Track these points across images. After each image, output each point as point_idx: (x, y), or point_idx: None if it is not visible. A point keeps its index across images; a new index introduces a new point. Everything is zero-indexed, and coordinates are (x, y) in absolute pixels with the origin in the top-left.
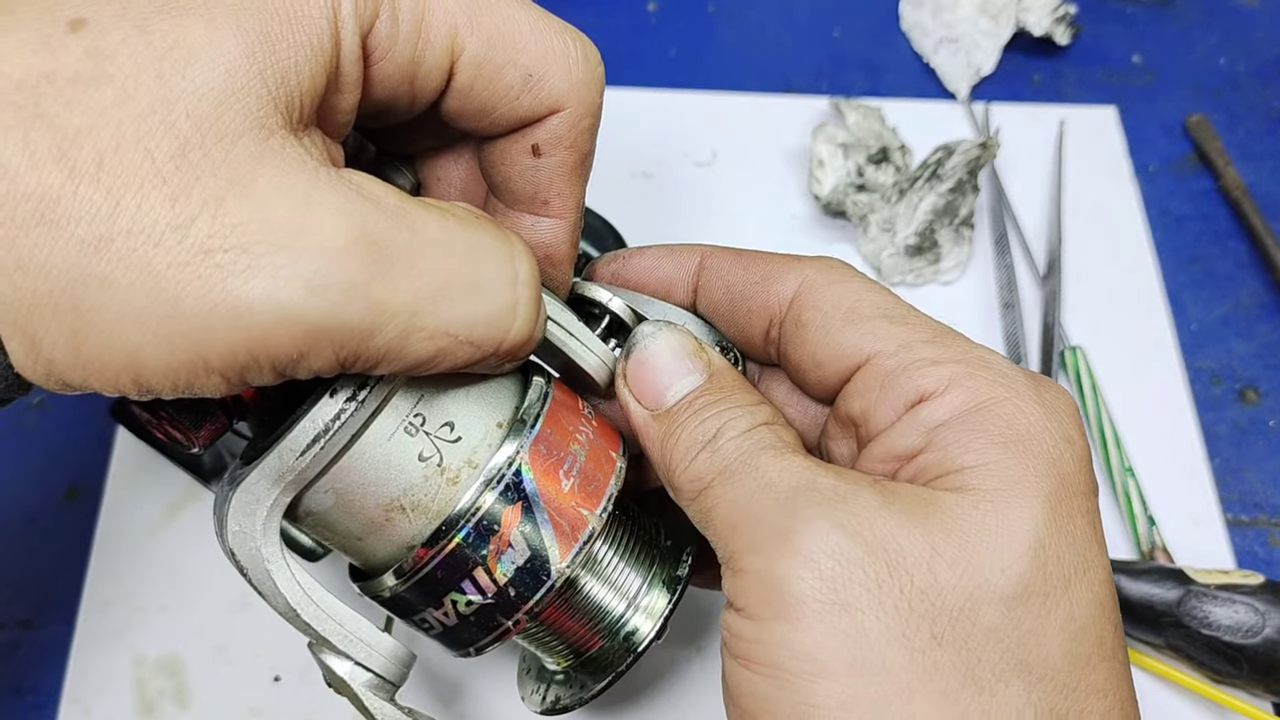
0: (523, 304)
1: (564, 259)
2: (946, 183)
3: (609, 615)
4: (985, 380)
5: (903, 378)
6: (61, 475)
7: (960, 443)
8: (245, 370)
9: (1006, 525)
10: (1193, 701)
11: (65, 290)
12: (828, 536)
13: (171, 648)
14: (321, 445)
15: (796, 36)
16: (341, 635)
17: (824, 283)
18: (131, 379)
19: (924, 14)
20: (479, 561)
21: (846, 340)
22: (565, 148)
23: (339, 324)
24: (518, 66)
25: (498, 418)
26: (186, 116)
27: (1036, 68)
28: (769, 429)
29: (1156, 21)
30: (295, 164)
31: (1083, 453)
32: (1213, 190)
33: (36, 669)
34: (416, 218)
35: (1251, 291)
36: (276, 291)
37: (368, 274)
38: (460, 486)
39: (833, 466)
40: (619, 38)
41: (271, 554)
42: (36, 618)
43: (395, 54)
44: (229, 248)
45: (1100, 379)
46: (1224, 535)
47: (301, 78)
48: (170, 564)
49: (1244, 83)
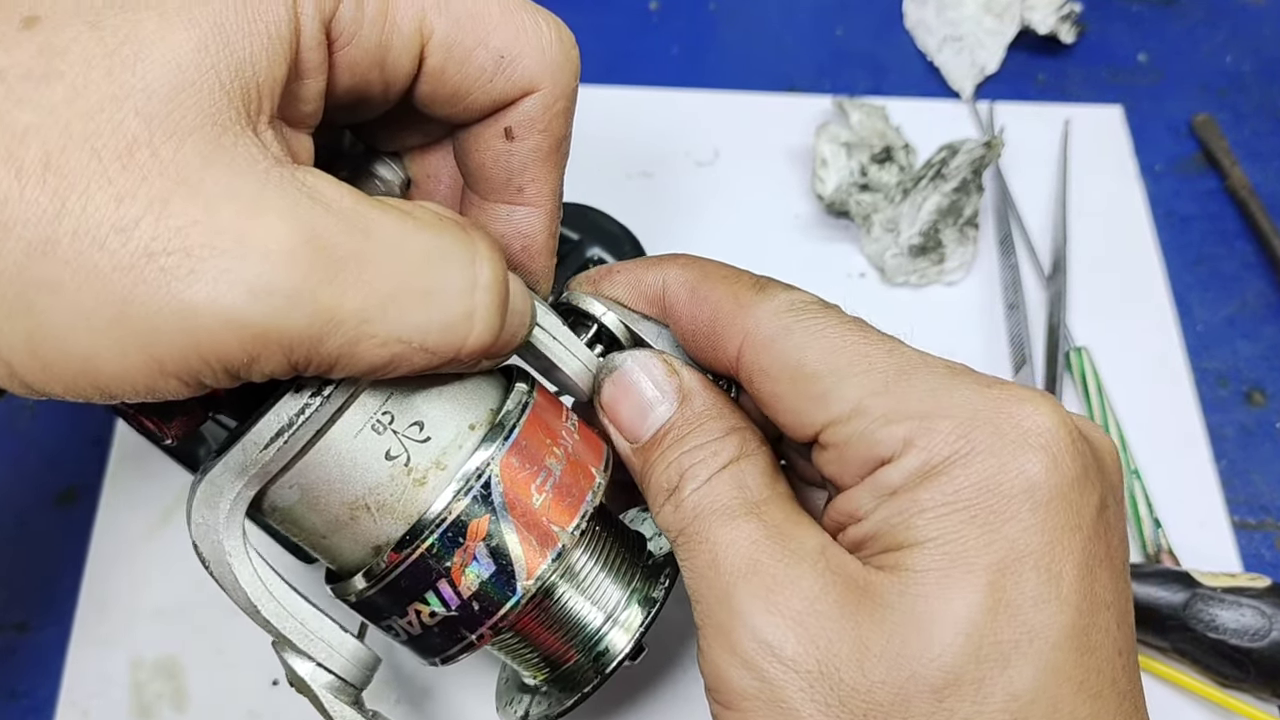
0: (481, 310)
1: (542, 249)
2: (951, 182)
3: (585, 629)
4: (940, 437)
5: (859, 446)
6: (57, 477)
7: (906, 515)
8: (199, 373)
9: (937, 611)
10: (1199, 705)
11: (17, 293)
12: (763, 635)
13: (169, 650)
14: (285, 440)
15: (799, 35)
16: (303, 634)
17: (764, 343)
18: (90, 383)
19: (928, 12)
20: (443, 573)
21: (800, 409)
22: (539, 131)
23: (285, 329)
24: (489, 48)
25: (471, 419)
26: (135, 114)
27: (1041, 66)
28: (731, 474)
29: (1162, 20)
30: (245, 163)
31: (1056, 490)
32: (1219, 190)
33: (32, 672)
34: (371, 221)
35: (1258, 292)
36: (220, 296)
37: (314, 279)
38: (428, 489)
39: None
40: (620, 36)
41: (234, 547)
42: (32, 620)
43: (361, 39)
44: (173, 250)
45: (1105, 380)
46: (1230, 538)
47: (258, 68)
48: (167, 566)
49: (1250, 82)
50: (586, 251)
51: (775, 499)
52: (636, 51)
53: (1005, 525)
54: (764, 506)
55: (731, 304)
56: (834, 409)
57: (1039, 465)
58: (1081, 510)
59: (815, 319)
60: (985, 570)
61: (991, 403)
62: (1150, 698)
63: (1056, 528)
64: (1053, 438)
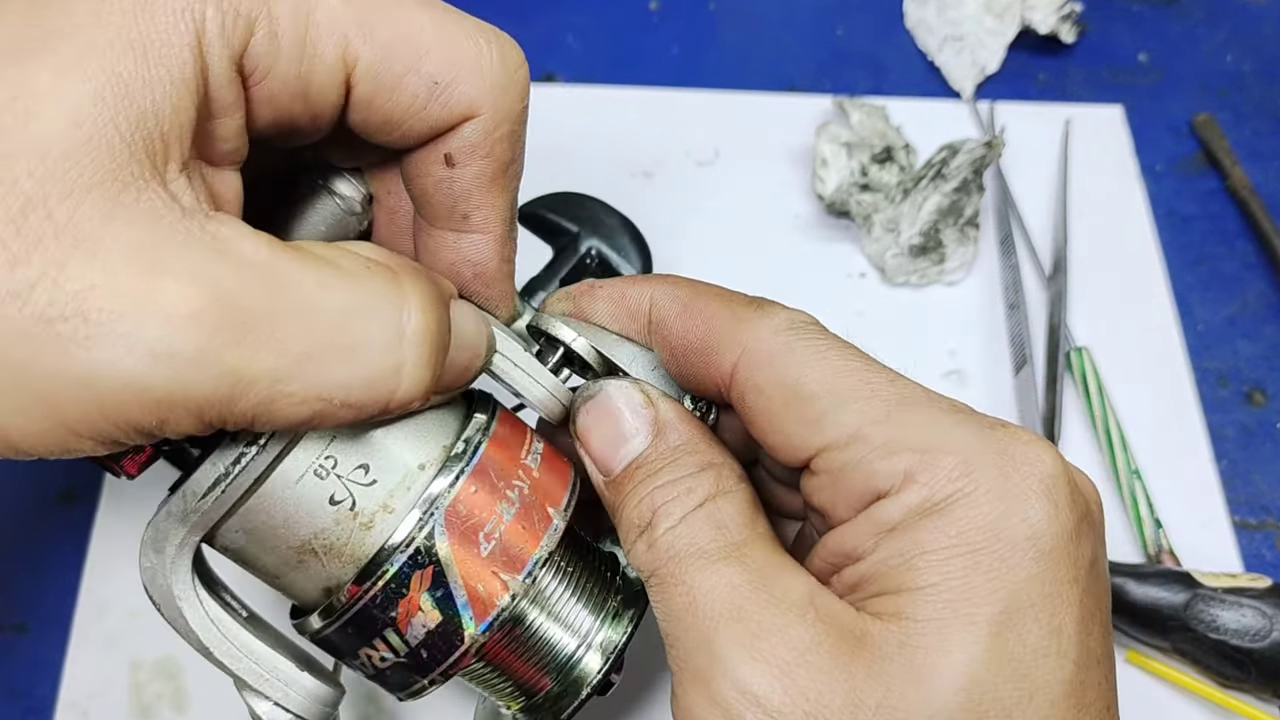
0: (409, 364)
1: (494, 276)
2: (951, 182)
3: (557, 656)
4: (943, 473)
5: (856, 476)
6: (57, 477)
7: (907, 556)
8: (112, 435)
9: (937, 665)
10: (1200, 706)
11: None
12: (747, 685)
13: (169, 651)
14: (222, 489)
15: (799, 34)
16: (256, 674)
17: (762, 359)
18: (4, 444)
19: (928, 12)
20: (388, 623)
21: (793, 431)
22: (481, 157)
23: (191, 393)
24: (421, 74)
25: (422, 458)
26: (29, 174)
27: (1042, 66)
28: (707, 514)
29: (1163, 20)
30: (148, 219)
31: (1057, 539)
32: (1219, 190)
33: (32, 673)
34: (286, 274)
35: (1259, 292)
36: (118, 361)
37: (219, 340)
38: (375, 532)
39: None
40: (620, 36)
41: (182, 591)
42: (32, 621)
43: (278, 72)
44: (69, 315)
45: (1106, 380)
46: (1231, 538)
47: (161, 116)
48: None
49: (1251, 81)
50: (584, 243)
51: (755, 540)
52: (636, 51)
53: (1009, 573)
54: (744, 549)
55: (728, 318)
56: (830, 434)
57: (1042, 512)
58: (1079, 561)
59: (817, 339)
60: (988, 621)
61: (995, 443)
62: (1150, 698)
63: (1058, 579)
64: (1055, 484)
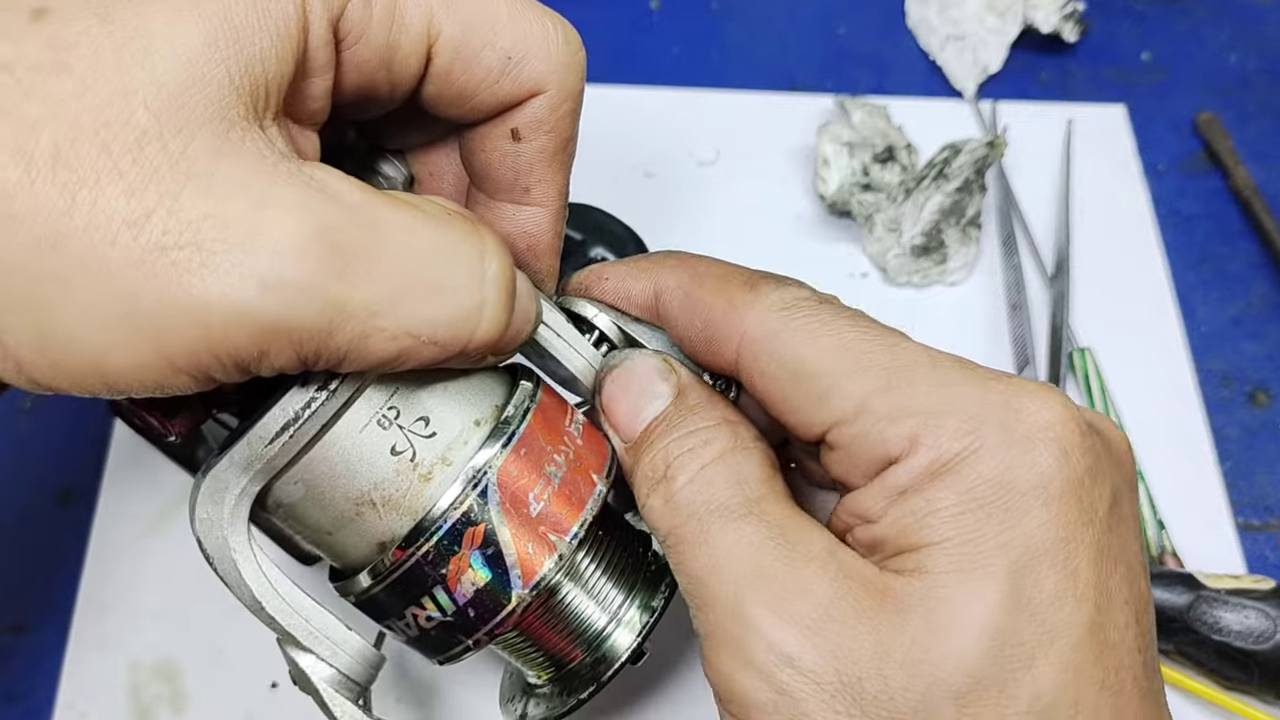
0: (490, 304)
1: (547, 249)
2: (953, 182)
3: (589, 628)
4: (947, 434)
5: (865, 446)
6: (55, 478)
7: (919, 516)
8: (209, 368)
9: (958, 614)
10: (1203, 708)
11: (26, 288)
12: (780, 647)
13: (168, 652)
14: (290, 434)
15: (801, 34)
16: (307, 631)
17: (762, 344)
18: (99, 379)
19: (930, 11)
20: (438, 580)
21: (803, 409)
22: (546, 132)
23: (296, 323)
24: (496, 49)
25: (476, 415)
26: (145, 108)
27: (1044, 65)
28: (727, 467)
29: (1166, 19)
30: (254, 157)
31: (1068, 484)
32: (1223, 190)
33: (30, 674)
34: (380, 215)
35: (1262, 293)
36: (231, 290)
37: (324, 273)
38: (434, 484)
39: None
40: (621, 35)
41: (238, 543)
42: (30, 622)
43: (369, 38)
44: (184, 244)
45: (1109, 381)
46: (1234, 540)
47: (267, 65)
48: (166, 567)
49: (1255, 81)
50: (590, 251)
51: (773, 496)
52: (638, 50)
53: (1020, 522)
54: (763, 504)
55: (724, 307)
56: (837, 409)
57: (1050, 459)
58: (1094, 504)
59: (811, 315)
60: (1003, 570)
61: (998, 397)
62: None
63: (1070, 522)
64: (1062, 430)
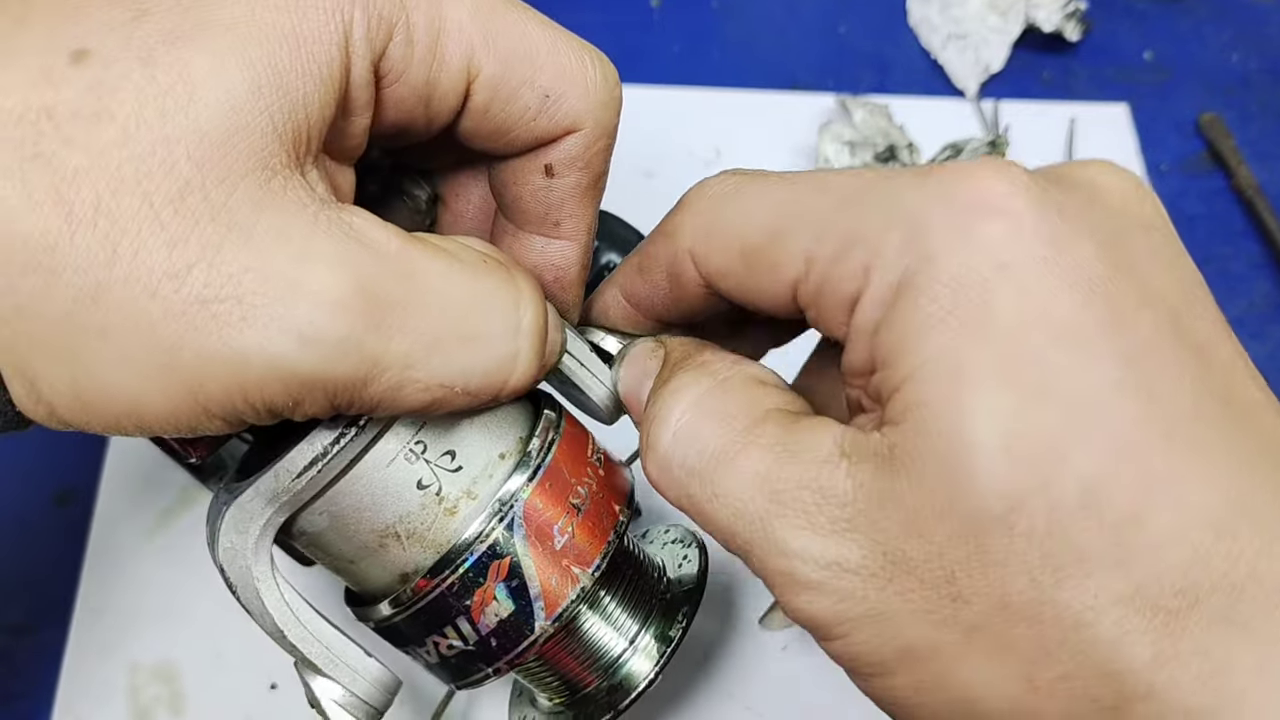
0: (523, 355)
1: (574, 282)
2: None
3: (606, 656)
4: (892, 251)
5: (829, 296)
6: (54, 479)
7: (892, 351)
8: (243, 414)
9: (963, 441)
10: None
11: (63, 338)
12: (824, 558)
13: (167, 654)
14: (319, 469)
15: (802, 32)
16: (327, 658)
17: (704, 242)
18: (133, 423)
19: (932, 10)
20: (462, 611)
21: (764, 286)
22: (579, 169)
23: (331, 375)
24: (534, 87)
25: (501, 448)
26: (188, 157)
27: (1046, 64)
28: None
29: (1168, 18)
30: (296, 208)
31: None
32: (1225, 189)
33: (29, 675)
34: (417, 264)
35: (1265, 293)
36: (270, 344)
37: (362, 326)
38: (459, 518)
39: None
40: (622, 34)
41: (262, 573)
42: (29, 623)
43: (409, 76)
44: (225, 298)
45: None
46: None
47: (310, 109)
48: (166, 569)
49: (1257, 80)
50: (602, 259)
51: (765, 416)
52: (638, 49)
53: (992, 314)
54: (755, 430)
55: (663, 243)
56: (791, 270)
57: (999, 233)
58: (1077, 263)
59: (737, 199)
60: (990, 372)
61: (933, 193)
62: None
63: (1050, 290)
64: (1008, 201)
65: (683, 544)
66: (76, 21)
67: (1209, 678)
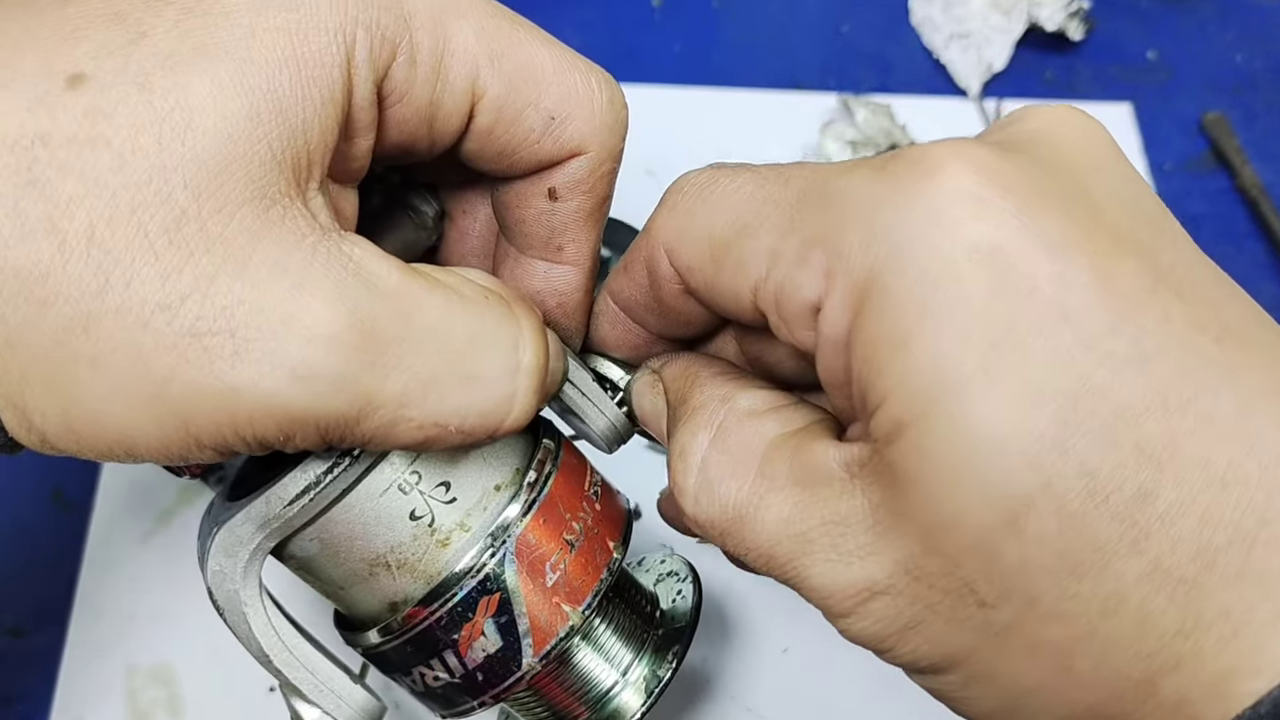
0: (520, 394)
1: (577, 308)
2: None
3: (596, 688)
4: (855, 253)
5: (789, 298)
6: (51, 480)
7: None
8: (233, 446)
9: (959, 447)
10: None
11: (54, 368)
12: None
13: (165, 657)
14: (310, 497)
15: (804, 31)
16: (312, 684)
17: (674, 239)
18: (125, 452)
19: (934, 9)
20: (449, 644)
21: (729, 288)
22: (583, 193)
23: (324, 412)
24: (539, 109)
25: (497, 479)
26: (184, 186)
27: (1049, 64)
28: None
29: (1172, 17)
30: (294, 239)
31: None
32: (1229, 189)
33: (26, 678)
34: (416, 300)
35: (1268, 293)
36: (262, 380)
37: (356, 363)
38: (450, 550)
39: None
40: (622, 33)
41: (249, 597)
42: (27, 625)
43: (412, 97)
44: (218, 331)
45: None
46: None
47: (310, 134)
48: (163, 571)
49: (1261, 80)
50: (613, 266)
51: (769, 451)
52: (639, 49)
53: (969, 310)
54: (764, 470)
55: (642, 238)
56: (754, 268)
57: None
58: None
59: (711, 192)
60: (977, 376)
61: (888, 185)
62: None
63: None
64: (960, 180)
65: (677, 577)
66: (74, 44)
67: (1230, 639)
